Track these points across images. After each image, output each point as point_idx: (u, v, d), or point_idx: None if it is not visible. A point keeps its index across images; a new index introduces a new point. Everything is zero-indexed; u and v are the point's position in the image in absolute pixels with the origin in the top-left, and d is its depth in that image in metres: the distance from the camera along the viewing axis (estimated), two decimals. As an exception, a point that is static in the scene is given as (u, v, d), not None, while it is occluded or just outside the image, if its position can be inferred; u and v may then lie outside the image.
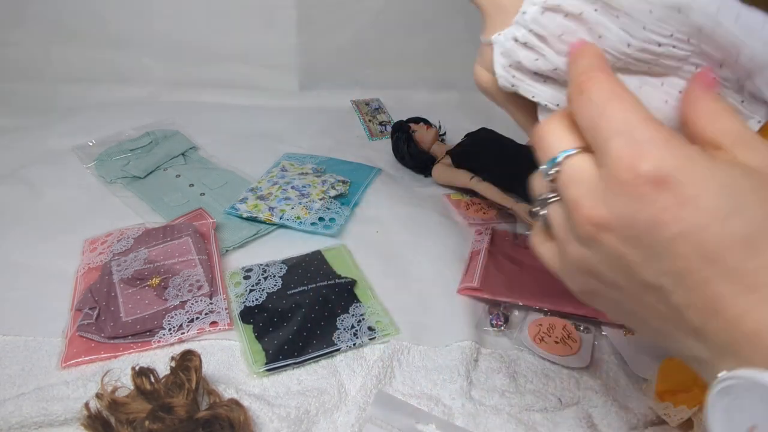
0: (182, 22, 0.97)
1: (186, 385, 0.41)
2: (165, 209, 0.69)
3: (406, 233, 0.67)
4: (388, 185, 0.76)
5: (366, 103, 1.00)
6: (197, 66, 1.00)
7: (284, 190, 0.70)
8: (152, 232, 0.62)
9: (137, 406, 0.39)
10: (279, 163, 0.78)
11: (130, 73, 1.00)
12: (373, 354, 0.50)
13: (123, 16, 0.96)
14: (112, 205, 0.70)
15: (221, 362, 0.49)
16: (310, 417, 0.44)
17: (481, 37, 0.35)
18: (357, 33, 0.99)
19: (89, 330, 0.50)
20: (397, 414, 0.44)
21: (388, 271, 0.60)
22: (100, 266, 0.58)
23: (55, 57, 0.98)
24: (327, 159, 0.81)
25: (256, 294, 0.55)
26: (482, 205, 0.72)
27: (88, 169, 0.77)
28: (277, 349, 0.49)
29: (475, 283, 0.56)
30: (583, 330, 0.53)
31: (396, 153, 0.83)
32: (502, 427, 0.44)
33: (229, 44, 0.99)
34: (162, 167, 0.77)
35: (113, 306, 0.52)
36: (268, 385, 0.47)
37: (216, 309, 0.53)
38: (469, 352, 0.50)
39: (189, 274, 0.56)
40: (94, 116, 0.90)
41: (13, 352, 0.49)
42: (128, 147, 0.81)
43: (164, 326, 0.50)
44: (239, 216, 0.67)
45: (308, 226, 0.65)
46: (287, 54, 1.00)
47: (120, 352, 0.49)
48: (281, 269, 0.58)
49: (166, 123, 0.88)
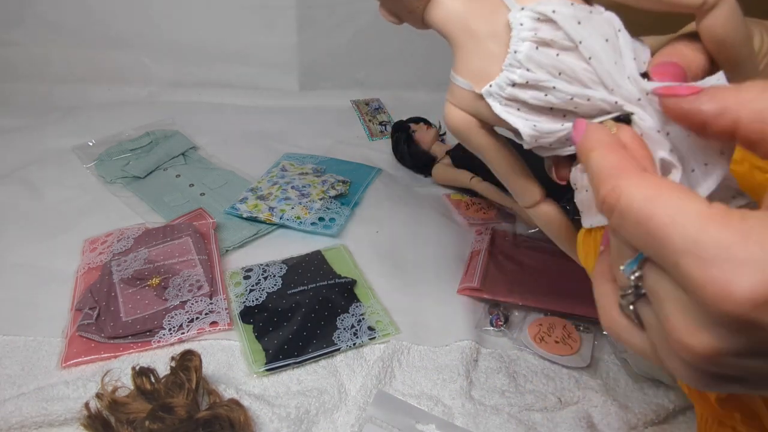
0: (182, 22, 0.97)
1: (186, 385, 0.41)
2: (165, 209, 0.69)
3: (406, 233, 0.67)
4: (388, 185, 0.76)
5: (366, 103, 1.00)
6: (197, 66, 1.00)
7: (284, 190, 0.70)
8: (152, 232, 0.62)
9: (137, 406, 0.39)
10: (279, 163, 0.78)
11: (130, 73, 1.00)
12: (373, 354, 0.50)
13: (123, 16, 0.96)
14: (112, 205, 0.70)
15: (221, 362, 0.49)
16: (310, 417, 0.44)
17: (454, 73, 0.31)
18: (357, 33, 0.99)
19: (89, 330, 0.50)
20: (397, 414, 0.44)
21: (388, 271, 0.60)
22: (100, 266, 0.58)
23: (55, 57, 0.98)
24: (327, 159, 0.81)
25: (256, 294, 0.55)
26: (482, 205, 0.72)
27: (88, 169, 0.77)
28: (277, 348, 0.49)
29: (475, 283, 0.56)
30: (583, 330, 0.53)
31: (396, 153, 0.83)
32: (502, 427, 0.44)
33: (229, 44, 0.99)
34: (162, 167, 0.77)
35: (113, 306, 0.52)
36: (268, 385, 0.47)
37: (216, 309, 0.53)
38: (469, 352, 0.50)
39: (189, 274, 0.56)
40: (94, 116, 0.90)
41: (13, 352, 0.49)
42: (128, 147, 0.81)
43: (164, 326, 0.50)
44: (239, 216, 0.67)
45: (308, 226, 0.65)
46: (287, 54, 1.00)
47: (120, 352, 0.49)
48: (281, 269, 0.58)
49: (166, 123, 0.88)
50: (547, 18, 0.27)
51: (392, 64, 1.02)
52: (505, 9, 0.28)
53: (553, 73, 0.27)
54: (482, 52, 0.29)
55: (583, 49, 0.27)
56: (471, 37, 0.30)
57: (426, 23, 0.32)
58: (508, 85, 0.28)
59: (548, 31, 0.27)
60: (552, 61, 0.27)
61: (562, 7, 0.27)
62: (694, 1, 0.27)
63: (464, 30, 0.30)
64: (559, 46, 0.27)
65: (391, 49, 1.01)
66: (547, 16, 0.27)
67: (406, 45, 1.01)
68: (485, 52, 0.29)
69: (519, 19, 0.27)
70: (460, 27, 0.30)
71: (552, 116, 0.29)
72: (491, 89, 0.29)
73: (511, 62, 0.28)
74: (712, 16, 0.27)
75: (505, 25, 0.28)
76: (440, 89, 0.32)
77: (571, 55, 0.27)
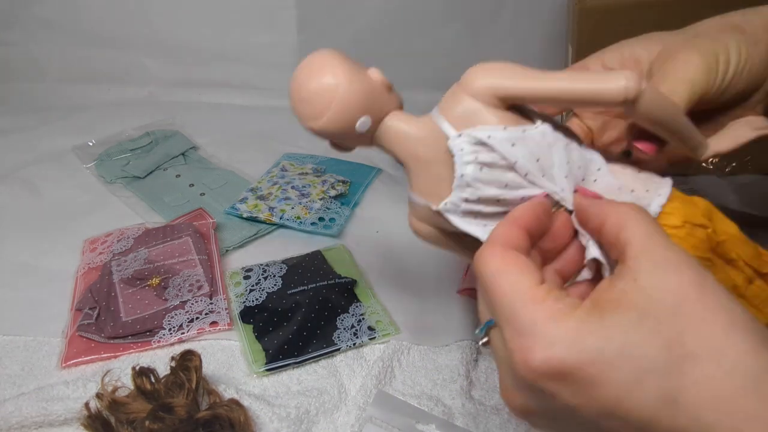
0: (182, 22, 0.97)
1: (186, 385, 0.41)
2: (165, 209, 0.69)
3: (406, 233, 0.66)
4: (388, 185, 0.76)
5: (366, 103, 1.00)
6: (197, 66, 1.00)
7: (284, 190, 0.70)
8: (152, 232, 0.62)
9: (137, 405, 0.39)
10: (279, 163, 0.78)
11: (130, 73, 1.00)
12: (373, 354, 0.50)
13: (123, 16, 0.96)
14: (112, 205, 0.70)
15: (221, 362, 0.49)
16: (310, 417, 0.44)
17: (410, 192, 0.33)
18: (357, 33, 0.99)
19: (89, 330, 0.50)
20: (397, 414, 0.44)
21: (388, 271, 0.60)
22: (100, 266, 0.58)
23: (54, 57, 0.98)
24: (327, 159, 0.81)
25: (257, 294, 0.55)
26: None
27: (88, 169, 0.77)
28: (277, 348, 0.49)
29: (475, 284, 0.56)
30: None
31: (396, 153, 0.83)
32: (502, 427, 0.44)
33: (229, 44, 0.99)
34: (162, 167, 0.77)
35: (113, 306, 0.52)
36: (268, 385, 0.47)
37: (216, 309, 0.53)
38: (469, 352, 0.50)
39: (189, 274, 0.56)
40: (94, 116, 0.90)
41: (13, 352, 0.49)
42: (128, 147, 0.81)
43: (164, 326, 0.50)
44: (239, 216, 0.67)
45: (308, 226, 0.65)
46: (287, 54, 1.00)
47: (120, 352, 0.49)
48: (281, 269, 0.58)
49: (166, 123, 0.88)
50: (483, 143, 0.29)
51: (392, 64, 1.02)
52: (444, 135, 0.30)
53: (500, 186, 0.30)
54: (432, 176, 0.31)
55: (519, 168, 0.30)
56: (418, 161, 0.32)
57: (375, 145, 0.34)
58: (462, 201, 0.30)
59: (486, 154, 0.29)
60: (496, 177, 0.30)
61: (496, 132, 0.29)
62: (616, 98, 0.28)
63: (412, 156, 0.32)
64: (498, 166, 0.30)
65: (391, 49, 1.01)
66: (482, 141, 0.29)
67: (406, 45, 1.01)
68: (434, 175, 0.31)
69: (459, 145, 0.29)
70: (408, 153, 0.32)
71: None
72: (447, 206, 0.31)
73: (460, 184, 0.30)
74: (637, 108, 0.29)
75: (447, 151, 0.30)
76: (440, 89, 0.32)
77: (511, 171, 0.30)
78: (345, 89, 0.30)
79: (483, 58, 0.31)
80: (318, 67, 0.30)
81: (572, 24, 0.72)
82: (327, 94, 0.30)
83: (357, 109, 0.30)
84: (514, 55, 1.17)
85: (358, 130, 0.31)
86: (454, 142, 0.30)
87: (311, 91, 0.30)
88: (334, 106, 0.30)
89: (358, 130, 0.31)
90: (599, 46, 0.82)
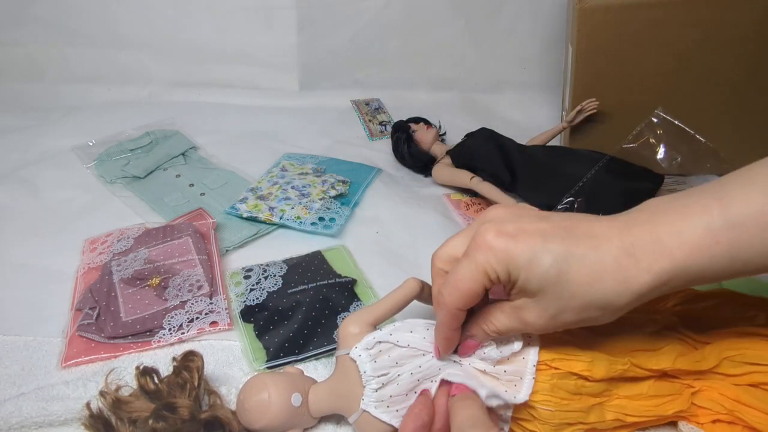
0: (182, 22, 0.97)
1: (188, 385, 0.41)
2: (165, 209, 0.69)
3: (406, 233, 0.67)
4: (388, 185, 0.76)
5: (366, 103, 1.00)
6: (197, 66, 1.00)
7: (284, 190, 0.70)
8: (152, 232, 0.62)
9: (140, 405, 0.39)
10: (279, 163, 0.78)
11: (130, 73, 1.00)
12: (374, 354, 0.50)
13: (123, 16, 0.96)
14: (112, 205, 0.70)
15: (221, 362, 0.49)
16: (311, 417, 0.44)
17: (348, 416, 0.40)
18: (357, 33, 0.99)
19: (89, 330, 0.50)
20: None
21: (388, 271, 0.60)
22: (100, 266, 0.58)
23: (55, 57, 0.98)
24: (327, 159, 0.81)
25: (257, 293, 0.55)
26: (482, 205, 0.72)
27: (88, 169, 0.77)
28: (278, 347, 0.49)
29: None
30: (583, 330, 0.53)
31: (396, 153, 0.83)
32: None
33: (229, 44, 0.99)
34: (162, 167, 0.77)
35: (113, 306, 0.52)
36: (269, 384, 0.47)
37: (216, 309, 0.53)
38: (470, 352, 0.50)
39: (189, 274, 0.56)
40: (94, 116, 0.91)
41: (13, 352, 0.49)
42: (128, 147, 0.81)
43: (164, 326, 0.50)
44: (239, 216, 0.67)
45: (308, 226, 0.65)
46: (287, 54, 1.00)
47: (120, 352, 0.49)
48: (281, 269, 0.58)
49: (166, 123, 0.88)
50: (372, 345, 0.39)
51: (392, 64, 1.03)
52: (359, 377, 0.38)
53: (393, 365, 0.38)
54: (351, 397, 0.39)
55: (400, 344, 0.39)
56: (344, 402, 0.40)
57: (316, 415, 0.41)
58: (373, 391, 0.38)
59: (377, 349, 0.39)
60: (389, 361, 0.38)
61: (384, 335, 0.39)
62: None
63: (336, 410, 0.41)
64: (387, 352, 0.39)
65: (391, 49, 1.01)
66: (372, 344, 0.39)
67: (406, 45, 1.01)
68: (353, 394, 0.39)
69: (357, 353, 0.39)
70: (333, 410, 0.41)
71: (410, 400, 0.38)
72: (367, 404, 0.38)
73: (366, 379, 0.38)
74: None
75: (358, 381, 0.39)
76: (440, 89, 0.32)
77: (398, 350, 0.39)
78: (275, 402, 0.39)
79: (483, 58, 0.31)
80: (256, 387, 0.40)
81: (572, 24, 0.72)
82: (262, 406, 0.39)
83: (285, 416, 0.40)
84: (515, 55, 1.19)
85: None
86: (354, 353, 0.39)
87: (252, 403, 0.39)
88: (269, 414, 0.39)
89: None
90: (599, 46, 0.82)
